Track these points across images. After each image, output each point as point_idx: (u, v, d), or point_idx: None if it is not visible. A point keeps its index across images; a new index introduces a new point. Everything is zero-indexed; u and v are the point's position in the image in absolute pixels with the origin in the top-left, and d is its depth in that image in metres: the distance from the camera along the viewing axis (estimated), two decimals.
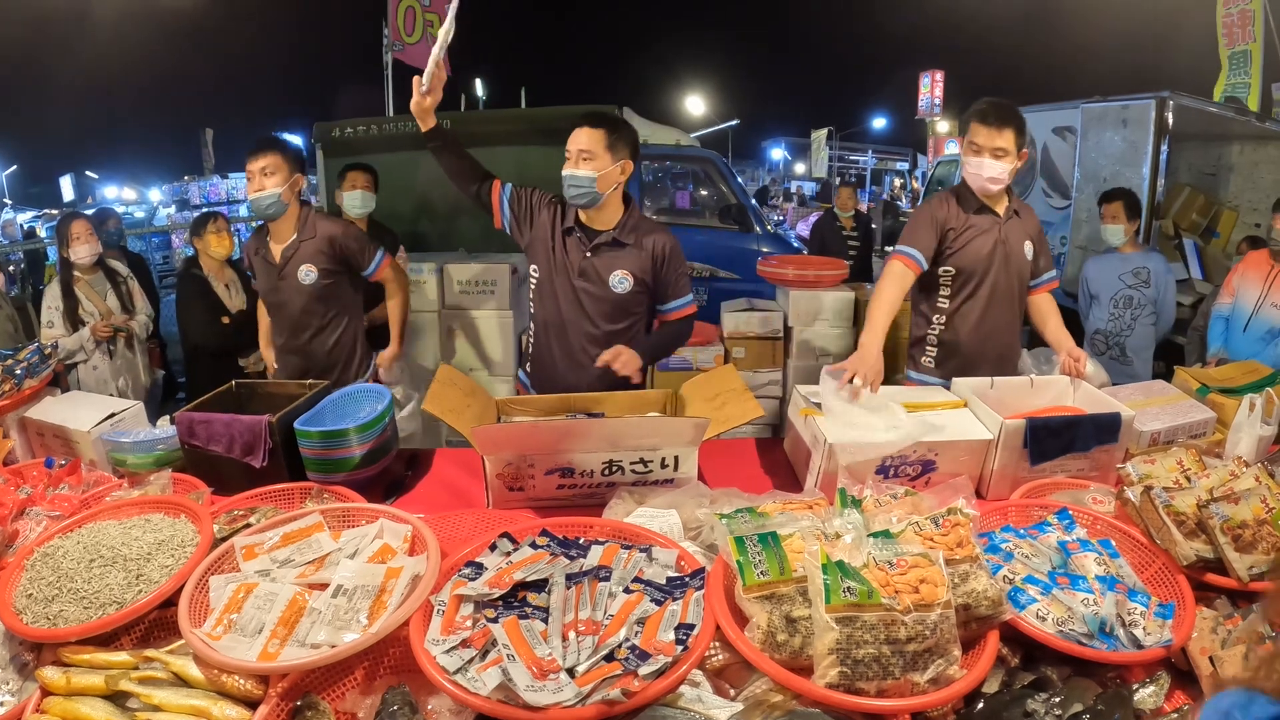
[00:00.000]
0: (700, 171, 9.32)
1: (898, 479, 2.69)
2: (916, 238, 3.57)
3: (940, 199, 3.66)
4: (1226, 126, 8.23)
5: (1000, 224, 3.58)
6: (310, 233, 4.00)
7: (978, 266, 3.58)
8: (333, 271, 4.03)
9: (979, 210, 3.58)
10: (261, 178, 3.81)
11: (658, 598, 1.87)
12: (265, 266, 4.05)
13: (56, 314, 5.19)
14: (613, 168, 3.30)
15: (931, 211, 3.61)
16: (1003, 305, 3.65)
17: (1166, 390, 3.37)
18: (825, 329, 6.16)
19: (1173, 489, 2.26)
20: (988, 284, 3.60)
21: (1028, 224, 3.68)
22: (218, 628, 1.85)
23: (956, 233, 3.57)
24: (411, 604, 1.84)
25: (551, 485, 2.66)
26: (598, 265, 3.40)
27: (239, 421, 2.83)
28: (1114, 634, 1.89)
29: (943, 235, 3.57)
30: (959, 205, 3.60)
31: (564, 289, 3.44)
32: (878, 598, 1.69)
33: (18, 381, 3.21)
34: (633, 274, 3.39)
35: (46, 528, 2.31)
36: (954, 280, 3.63)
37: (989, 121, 3.42)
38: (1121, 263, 5.76)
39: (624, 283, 3.39)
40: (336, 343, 4.14)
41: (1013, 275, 3.63)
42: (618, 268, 3.39)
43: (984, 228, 3.57)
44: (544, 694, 1.57)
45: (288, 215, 3.96)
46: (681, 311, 3.56)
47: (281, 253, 3.98)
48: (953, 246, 3.58)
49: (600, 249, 3.39)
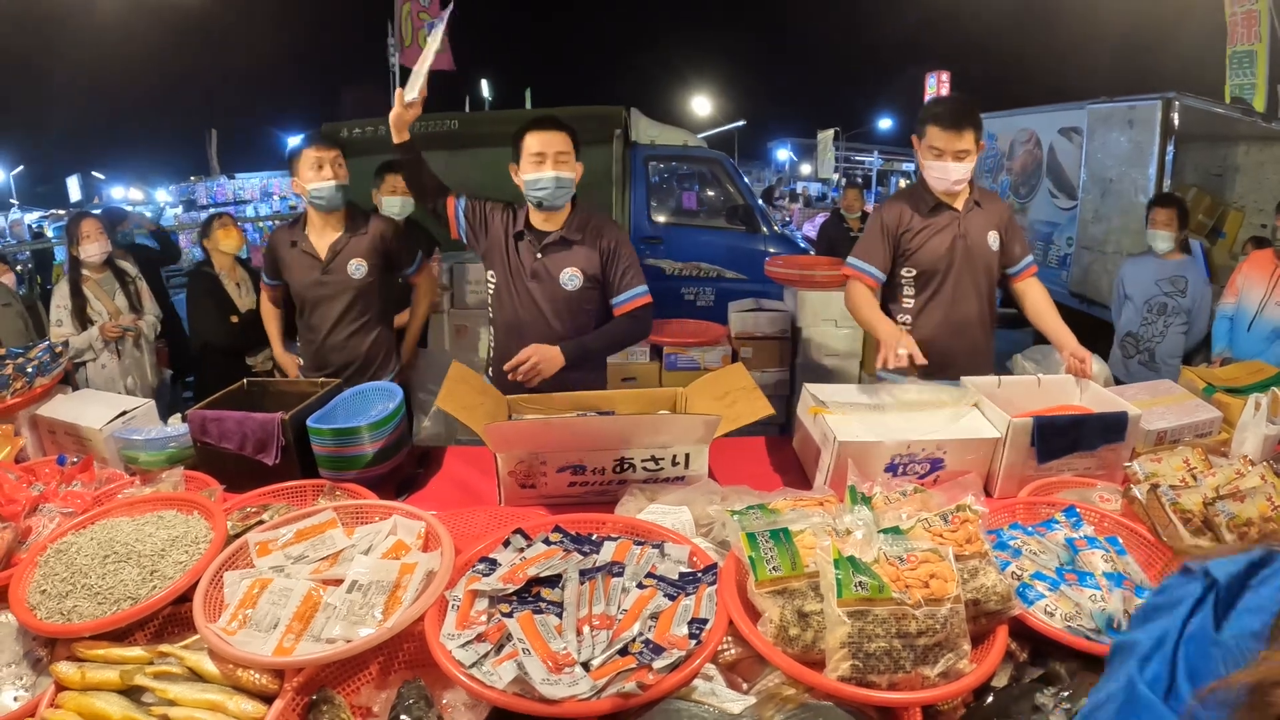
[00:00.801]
0: (707, 172, 9.33)
1: (906, 476, 2.71)
2: (870, 253, 3.64)
3: (892, 205, 3.70)
4: (1233, 127, 8.22)
5: (959, 218, 3.59)
6: (363, 228, 4.06)
7: (938, 265, 3.60)
8: (378, 268, 4.09)
9: (935, 208, 3.60)
10: (334, 167, 3.89)
11: (671, 593, 1.89)
12: (305, 260, 4.05)
13: (65, 313, 5.21)
14: (578, 168, 3.39)
15: (882, 220, 3.65)
16: (969, 300, 3.66)
17: (1173, 390, 3.38)
18: (832, 329, 6.17)
19: (1179, 487, 2.27)
20: (950, 280, 3.62)
21: (991, 213, 3.68)
22: (233, 623, 1.86)
23: (912, 234, 3.60)
24: (427, 599, 1.85)
25: (563, 483, 2.68)
26: (549, 265, 3.44)
27: (252, 419, 2.84)
28: (1121, 629, 1.90)
29: (897, 241, 3.61)
30: (912, 208, 3.62)
31: (520, 291, 3.49)
32: (889, 592, 1.70)
33: (29, 380, 3.23)
34: (582, 270, 3.43)
35: (59, 524, 2.32)
36: (916, 280, 3.65)
37: (947, 125, 3.43)
38: (1160, 268, 5.72)
39: (574, 280, 3.43)
40: (376, 339, 4.17)
41: (977, 269, 3.64)
42: (567, 265, 3.43)
43: (941, 225, 3.59)
44: (560, 687, 1.59)
45: (338, 210, 4.02)
46: (633, 302, 3.53)
47: (330, 246, 4.01)
48: (909, 248, 3.61)
49: (550, 249, 3.44)
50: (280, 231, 4.20)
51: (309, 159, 3.87)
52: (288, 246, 4.09)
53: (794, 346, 6.25)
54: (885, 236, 3.61)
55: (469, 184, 3.42)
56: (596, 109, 7.76)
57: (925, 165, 3.54)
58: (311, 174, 3.88)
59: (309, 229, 4.05)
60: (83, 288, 5.27)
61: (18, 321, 5.52)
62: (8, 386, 3.18)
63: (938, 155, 3.47)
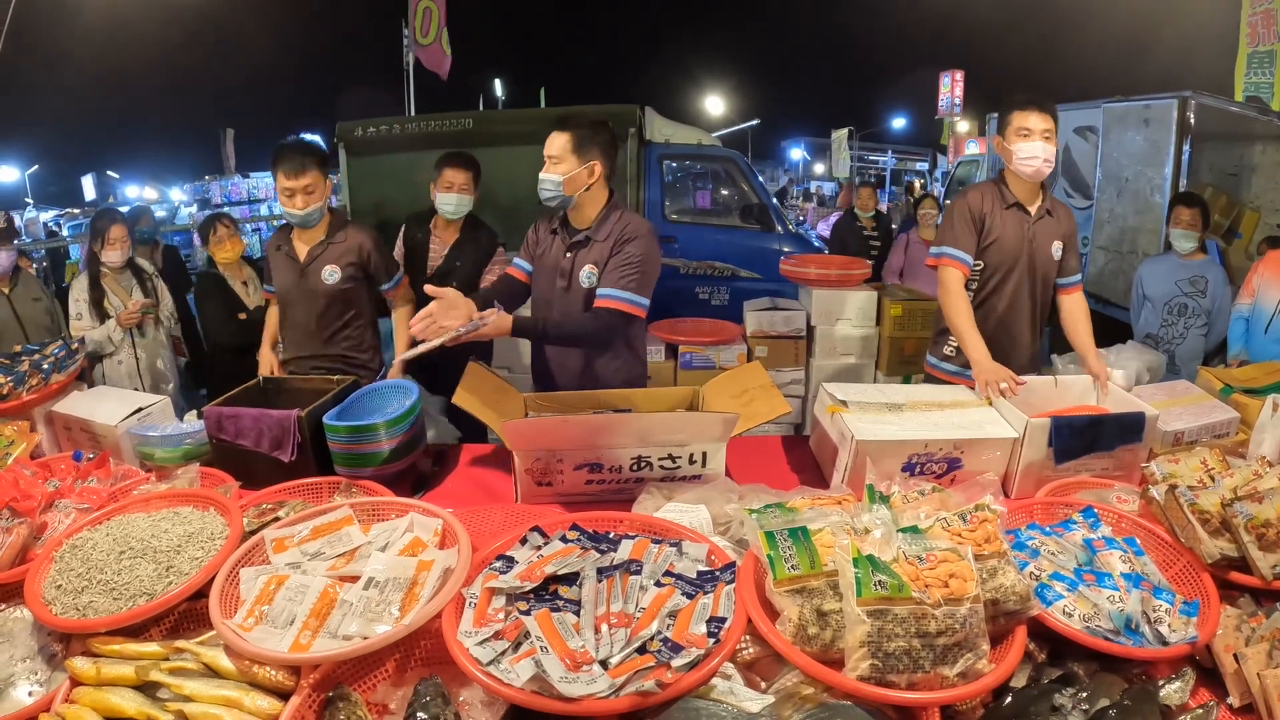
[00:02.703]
0: (722, 171, 9.30)
1: (924, 476, 2.70)
2: (958, 238, 3.60)
3: (974, 192, 3.68)
4: (1249, 126, 8.18)
5: (1030, 223, 3.59)
6: (342, 236, 4.05)
7: (1003, 263, 3.60)
8: (354, 276, 4.08)
9: (1012, 206, 3.60)
10: (305, 196, 3.84)
11: (689, 591, 1.88)
12: (287, 263, 4.08)
13: (84, 305, 5.23)
14: (580, 170, 3.32)
15: (968, 205, 3.63)
16: (1024, 303, 3.67)
17: (1190, 390, 3.37)
18: (848, 328, 6.14)
19: (1197, 488, 2.26)
20: (1012, 281, 3.62)
21: (1060, 223, 3.68)
22: (249, 619, 1.86)
23: (990, 225, 3.59)
24: (444, 596, 1.85)
25: (580, 480, 2.68)
26: (574, 263, 3.44)
27: (268, 416, 2.85)
28: (1140, 630, 1.89)
29: (980, 228, 3.60)
30: (995, 198, 3.62)
31: (549, 289, 3.51)
32: (908, 591, 1.70)
33: (45, 376, 3.24)
34: (597, 267, 3.41)
35: (75, 520, 2.32)
36: (981, 274, 3.64)
37: (1033, 106, 3.46)
38: (1180, 269, 5.65)
39: (591, 277, 3.41)
40: (356, 345, 4.18)
41: (1037, 275, 3.64)
42: (587, 263, 3.42)
43: (1014, 225, 3.59)
44: (578, 685, 1.58)
45: (313, 226, 4.02)
46: (608, 301, 3.33)
47: (309, 251, 4.02)
48: (985, 240, 3.60)
49: (575, 247, 3.44)
50: (272, 238, 4.23)
51: (280, 184, 3.85)
52: (274, 250, 4.14)
53: (809, 346, 6.24)
54: (971, 221, 3.61)
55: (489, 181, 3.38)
56: (611, 108, 7.73)
57: (1015, 149, 3.51)
58: (283, 199, 3.87)
59: (293, 233, 4.09)
60: (101, 282, 5.29)
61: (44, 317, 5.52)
62: (24, 383, 3.19)
63: (1026, 135, 3.47)
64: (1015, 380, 3.10)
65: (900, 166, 38.25)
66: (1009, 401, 2.93)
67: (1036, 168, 3.49)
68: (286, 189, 3.83)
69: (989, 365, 3.21)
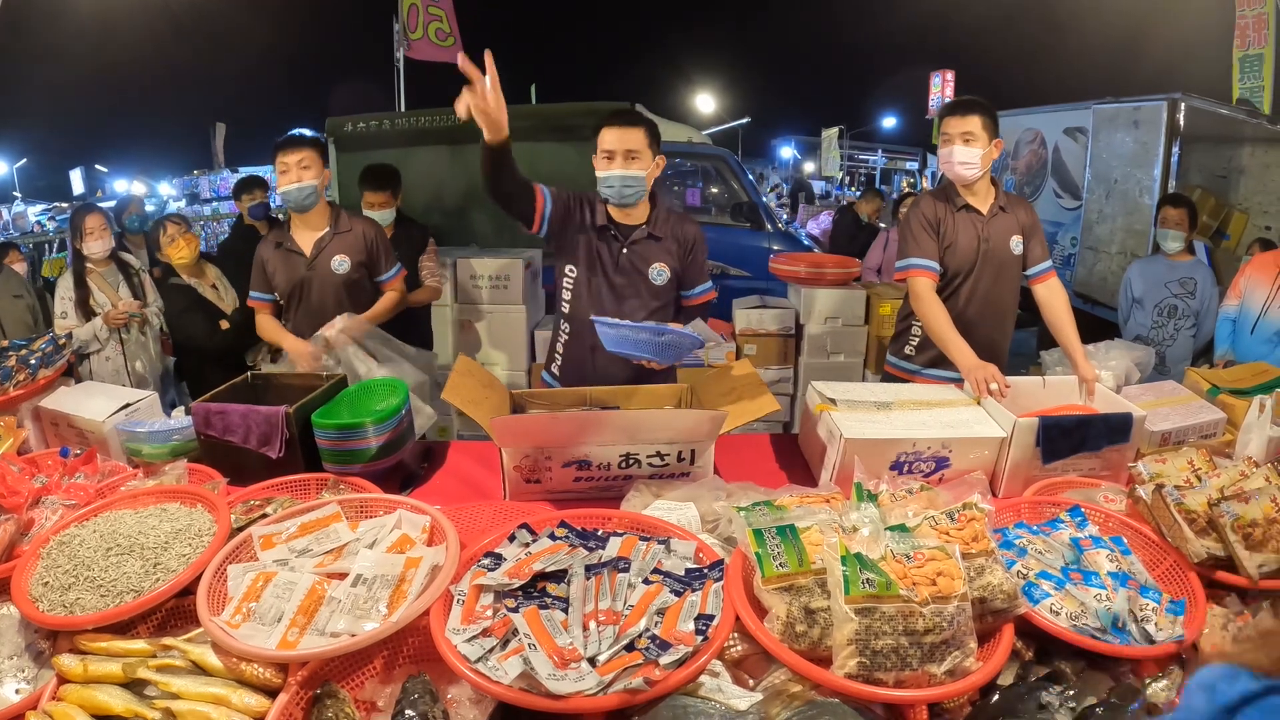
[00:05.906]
0: (712, 169, 9.31)
1: (912, 475, 2.70)
2: (921, 247, 3.63)
3: (924, 200, 3.74)
4: (1238, 129, 8.22)
5: (984, 222, 3.62)
6: (346, 226, 4.10)
7: (962, 266, 3.64)
8: (362, 265, 4.12)
9: (963, 209, 3.64)
10: (299, 170, 3.89)
11: (677, 589, 1.88)
12: (290, 258, 4.07)
13: (69, 304, 5.18)
14: (653, 165, 3.35)
15: (922, 212, 3.68)
16: (985, 303, 3.69)
17: (1177, 391, 3.38)
18: (837, 326, 6.16)
19: (1184, 488, 2.27)
20: (969, 284, 3.66)
21: (1017, 217, 3.71)
22: (236, 616, 1.86)
23: (944, 230, 3.64)
24: (432, 593, 1.85)
25: (568, 478, 2.67)
26: (635, 260, 3.42)
27: (256, 412, 2.84)
28: (1126, 629, 1.90)
29: (937, 232, 3.64)
30: (946, 203, 3.66)
31: (604, 286, 3.46)
32: (896, 589, 1.70)
33: (32, 371, 3.22)
34: (669, 266, 3.45)
35: (62, 516, 2.31)
36: (941, 279, 3.66)
37: (954, 111, 3.52)
38: (1169, 270, 5.68)
39: (662, 275, 3.44)
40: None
41: (999, 273, 3.68)
42: (656, 260, 3.43)
43: (967, 227, 3.63)
44: (566, 682, 1.59)
45: (319, 208, 4.05)
46: (705, 296, 3.65)
47: (315, 242, 4.04)
48: (941, 244, 3.64)
49: (636, 244, 3.42)
50: (264, 244, 4.19)
51: (278, 164, 3.90)
52: (272, 249, 4.11)
53: (798, 344, 6.24)
54: (929, 229, 3.64)
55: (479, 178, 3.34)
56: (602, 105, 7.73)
57: (939, 157, 3.62)
58: (279, 178, 3.92)
59: (293, 229, 4.10)
60: (87, 279, 5.25)
61: (26, 315, 5.49)
62: (10, 378, 3.17)
63: (946, 141, 3.54)
64: (1004, 383, 3.10)
65: (890, 166, 38.28)
66: (998, 401, 2.94)
67: (954, 171, 3.56)
68: (281, 164, 3.88)
69: (977, 364, 3.21)
